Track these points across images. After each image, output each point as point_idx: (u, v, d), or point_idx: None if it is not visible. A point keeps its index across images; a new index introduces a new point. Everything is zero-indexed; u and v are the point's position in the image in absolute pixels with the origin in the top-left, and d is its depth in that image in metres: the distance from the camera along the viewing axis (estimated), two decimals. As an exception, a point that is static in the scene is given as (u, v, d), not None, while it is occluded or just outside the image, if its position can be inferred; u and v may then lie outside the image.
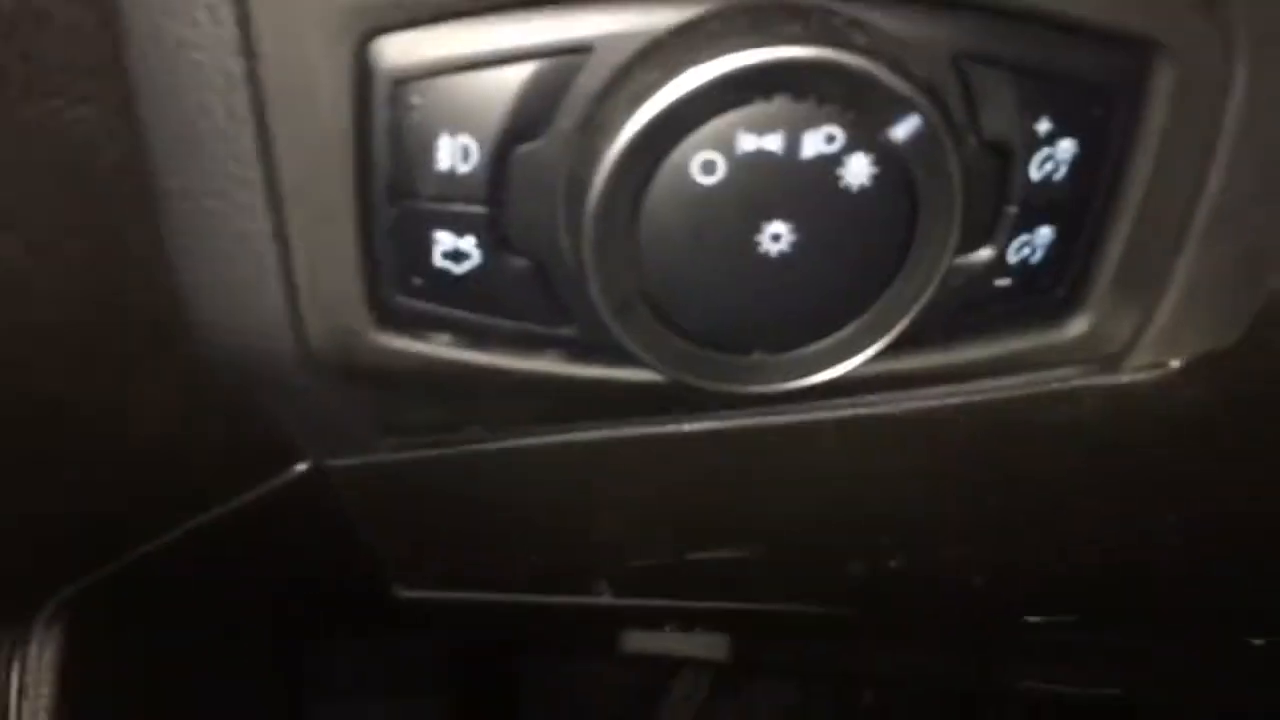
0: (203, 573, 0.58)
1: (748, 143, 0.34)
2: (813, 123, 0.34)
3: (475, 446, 0.48)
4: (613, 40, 0.34)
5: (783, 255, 0.36)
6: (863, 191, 0.35)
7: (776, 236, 0.36)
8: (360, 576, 0.63)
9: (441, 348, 0.39)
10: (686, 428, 0.49)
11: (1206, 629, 0.75)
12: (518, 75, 0.34)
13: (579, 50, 0.34)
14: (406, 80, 0.34)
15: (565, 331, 0.39)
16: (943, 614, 0.75)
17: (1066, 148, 0.38)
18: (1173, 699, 0.85)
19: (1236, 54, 0.37)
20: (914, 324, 0.39)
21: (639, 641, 0.81)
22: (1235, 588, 0.70)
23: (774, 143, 0.34)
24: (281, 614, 0.66)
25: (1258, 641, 0.75)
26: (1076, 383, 0.47)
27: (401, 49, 0.34)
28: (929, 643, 0.82)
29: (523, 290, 0.38)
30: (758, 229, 0.35)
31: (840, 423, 0.49)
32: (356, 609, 0.67)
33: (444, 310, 0.38)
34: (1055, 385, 0.47)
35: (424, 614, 0.67)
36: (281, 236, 0.36)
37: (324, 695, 0.84)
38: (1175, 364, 0.46)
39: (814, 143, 0.34)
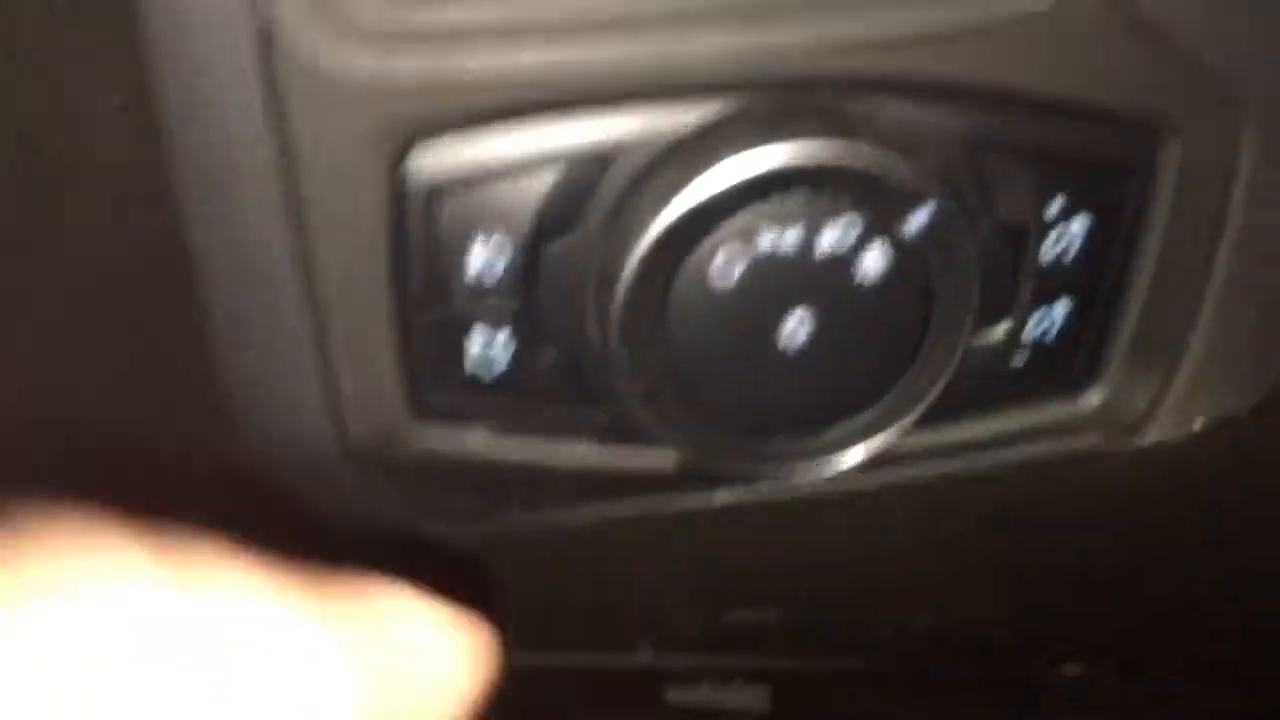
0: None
1: (767, 238, 0.35)
2: (829, 217, 0.35)
3: (509, 525, 0.49)
4: (636, 142, 0.36)
5: (804, 344, 0.37)
6: (879, 281, 0.36)
7: (798, 327, 0.37)
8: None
9: (478, 438, 0.41)
10: (719, 498, 0.50)
11: (1249, 676, 0.75)
12: (546, 178, 0.36)
13: (604, 152, 0.36)
14: (439, 187, 0.35)
15: (597, 417, 0.41)
16: (980, 666, 0.76)
17: (1079, 226, 0.39)
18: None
19: (1244, 131, 0.38)
20: (935, 401, 0.40)
21: (682, 694, 0.82)
22: (1273, 637, 0.70)
23: (792, 237, 0.35)
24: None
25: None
26: (1097, 445, 0.47)
27: (435, 157, 0.35)
28: (974, 691, 0.83)
29: (555, 379, 0.39)
30: (779, 319, 0.37)
31: (866, 491, 0.49)
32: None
33: (481, 401, 0.39)
34: (1076, 447, 0.47)
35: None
36: (321, 340, 0.37)
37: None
38: (1196, 425, 0.47)
39: (831, 236, 0.35)
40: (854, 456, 0.40)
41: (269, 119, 0.33)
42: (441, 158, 0.35)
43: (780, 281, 0.36)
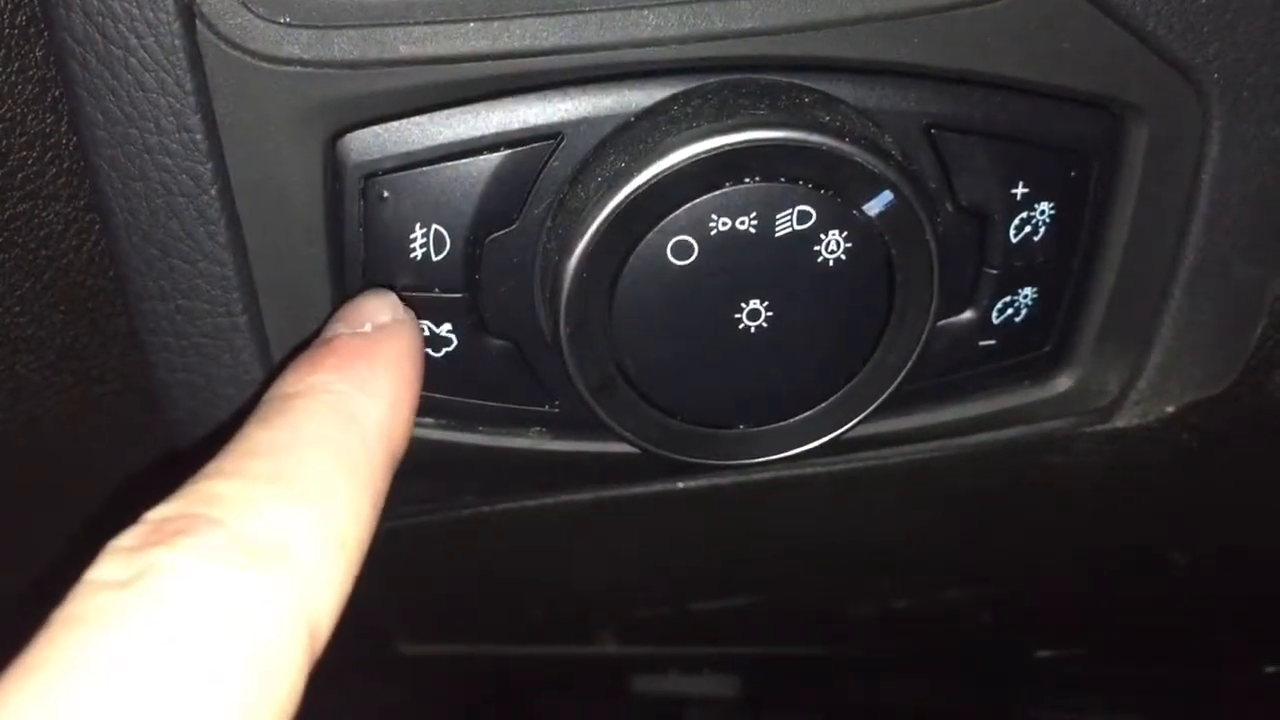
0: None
1: (721, 224, 0.34)
2: (785, 202, 0.34)
3: (468, 511, 0.48)
4: (581, 125, 0.34)
5: (762, 331, 0.36)
6: (839, 266, 0.35)
7: (755, 313, 0.36)
8: (363, 634, 0.63)
9: (425, 430, 0.39)
10: (680, 485, 0.48)
11: (1220, 657, 0.75)
12: (487, 164, 0.34)
13: (548, 137, 0.34)
14: (376, 174, 0.34)
15: (548, 409, 0.39)
16: (952, 650, 0.75)
17: (1044, 210, 0.38)
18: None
19: (1211, 114, 0.36)
20: (901, 387, 0.39)
21: (650, 683, 0.81)
22: (1245, 615, 0.70)
23: (747, 223, 0.34)
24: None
25: (1270, 669, 0.74)
26: (1069, 429, 0.46)
27: (370, 143, 0.34)
28: (946, 675, 0.82)
29: (503, 371, 0.38)
30: (736, 307, 0.35)
31: (833, 476, 0.48)
32: (360, 665, 0.67)
33: (426, 394, 0.38)
34: (1048, 431, 0.46)
35: (429, 667, 0.67)
36: (258, 331, 0.36)
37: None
38: (1168, 409, 0.46)
39: (787, 221, 0.34)
40: (818, 443, 0.39)
41: (195, 100, 0.31)
42: (377, 143, 0.34)
43: (735, 269, 0.35)
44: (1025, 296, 0.40)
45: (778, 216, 0.34)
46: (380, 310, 0.34)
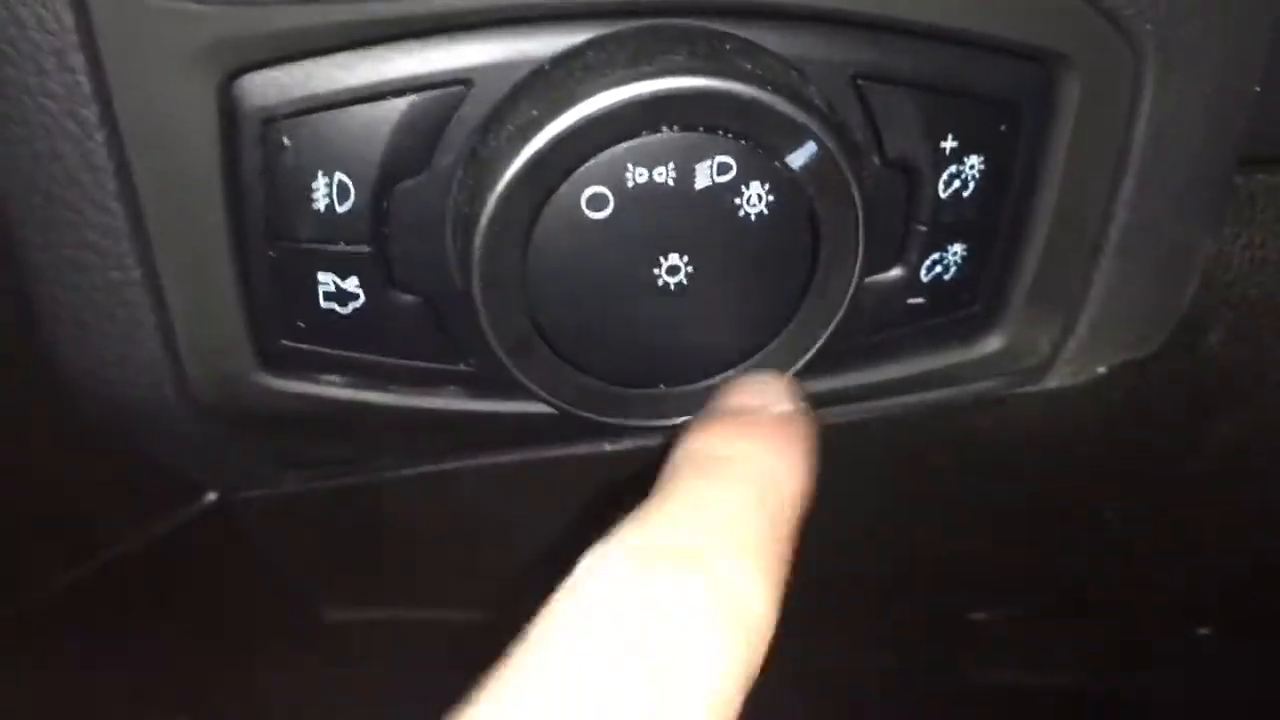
0: (124, 607, 0.56)
1: (637, 175, 0.33)
2: (704, 153, 0.33)
3: (385, 475, 0.47)
4: (492, 71, 0.33)
5: (682, 287, 0.35)
6: (761, 220, 0.34)
7: (675, 269, 0.34)
8: (286, 600, 0.62)
9: (333, 389, 0.38)
10: (606, 448, 0.47)
11: (1153, 619, 0.75)
12: (394, 110, 0.33)
13: (458, 82, 0.33)
14: (275, 118, 0.32)
15: (462, 367, 0.38)
16: (886, 612, 0.75)
17: (974, 164, 0.37)
18: (1140, 690, 0.85)
19: (1144, 67, 0.35)
20: (826, 347, 0.38)
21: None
22: (1178, 577, 0.70)
23: (665, 175, 0.33)
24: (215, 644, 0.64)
25: (1204, 631, 0.75)
26: (999, 390, 0.46)
27: (268, 86, 0.32)
28: (883, 639, 0.82)
29: (414, 328, 0.37)
30: (654, 262, 0.34)
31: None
32: (290, 637, 0.66)
33: (333, 351, 0.37)
34: (978, 392, 0.46)
35: (359, 638, 0.66)
36: (154, 284, 0.34)
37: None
38: (1099, 370, 0.45)
39: (706, 173, 0.33)
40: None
41: (76, 38, 0.30)
42: (276, 85, 0.32)
43: (654, 222, 0.33)
44: (955, 254, 0.39)
45: (696, 167, 0.33)
46: (784, 397, 0.35)
